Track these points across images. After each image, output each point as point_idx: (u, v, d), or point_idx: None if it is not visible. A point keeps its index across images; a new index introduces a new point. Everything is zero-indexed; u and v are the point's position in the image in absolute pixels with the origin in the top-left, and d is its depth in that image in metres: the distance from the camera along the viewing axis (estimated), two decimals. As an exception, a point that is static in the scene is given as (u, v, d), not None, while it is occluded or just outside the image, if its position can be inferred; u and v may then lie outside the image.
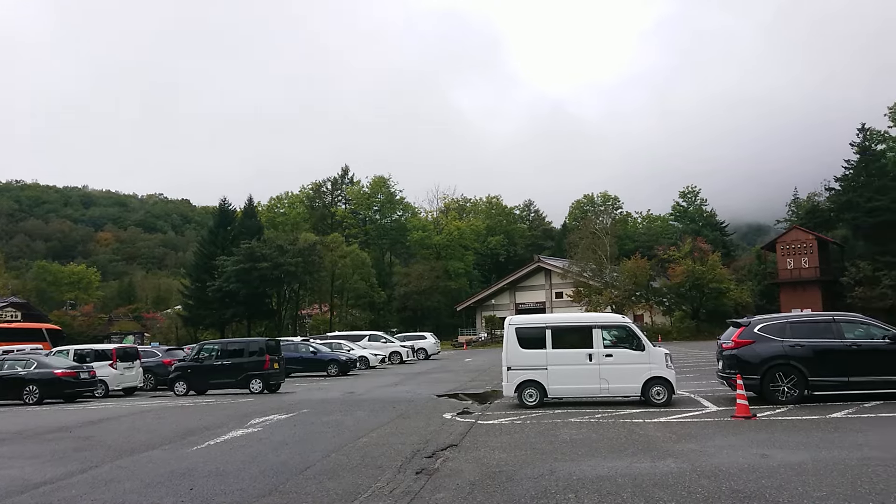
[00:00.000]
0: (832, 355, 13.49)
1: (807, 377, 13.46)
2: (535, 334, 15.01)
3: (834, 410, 12.51)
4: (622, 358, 14.52)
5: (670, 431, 11.12)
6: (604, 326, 14.92)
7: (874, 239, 57.52)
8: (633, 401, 14.91)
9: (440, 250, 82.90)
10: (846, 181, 60.54)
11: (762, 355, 13.70)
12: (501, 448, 10.18)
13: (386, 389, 21.81)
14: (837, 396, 13.85)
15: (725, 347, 14.31)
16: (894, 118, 66.45)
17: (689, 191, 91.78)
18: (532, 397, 14.77)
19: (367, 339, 39.46)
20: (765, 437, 10.19)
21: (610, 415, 13.26)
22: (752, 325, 14.21)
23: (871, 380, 13.39)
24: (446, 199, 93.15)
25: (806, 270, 58.45)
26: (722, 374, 14.52)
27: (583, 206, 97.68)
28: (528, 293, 71.92)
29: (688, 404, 14.42)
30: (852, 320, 14.25)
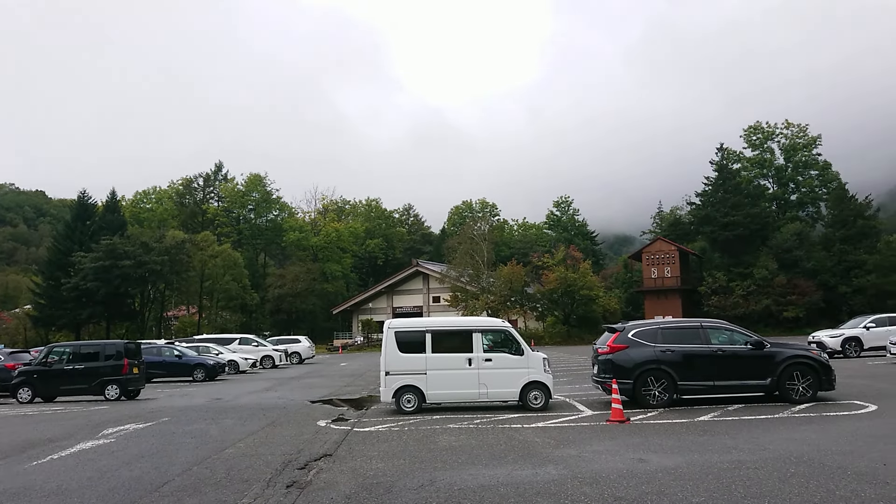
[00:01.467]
0: (700, 360, 13.97)
1: (676, 381, 13.87)
2: (415, 338, 14.65)
3: (701, 414, 12.91)
4: (501, 362, 14.42)
5: (549, 437, 11.05)
6: (484, 331, 14.79)
7: (729, 251, 61.48)
8: (510, 405, 14.85)
9: (317, 252, 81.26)
10: (706, 196, 64.43)
11: (635, 360, 13.99)
12: (379, 457, 9.72)
13: (256, 395, 20.77)
14: (703, 400, 14.36)
15: (601, 352, 14.52)
16: (748, 140, 71.74)
17: (563, 201, 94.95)
18: (410, 403, 14.39)
19: (237, 343, 37.80)
20: (640, 442, 10.29)
21: (488, 420, 13.09)
22: (627, 330, 14.49)
23: (734, 384, 13.98)
24: (325, 199, 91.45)
25: (668, 279, 61.64)
26: (597, 378, 14.72)
27: (461, 212, 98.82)
28: (405, 297, 71.74)
29: (564, 409, 14.50)
30: (718, 326, 14.83)
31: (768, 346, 14.08)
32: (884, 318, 27.48)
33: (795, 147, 69.48)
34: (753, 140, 71.40)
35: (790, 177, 69.92)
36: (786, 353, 14.04)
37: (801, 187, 70.06)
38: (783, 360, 13.86)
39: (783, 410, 12.91)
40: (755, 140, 71.37)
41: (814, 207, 69.96)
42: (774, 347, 14.17)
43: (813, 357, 14.04)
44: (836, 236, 59.80)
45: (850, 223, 59.42)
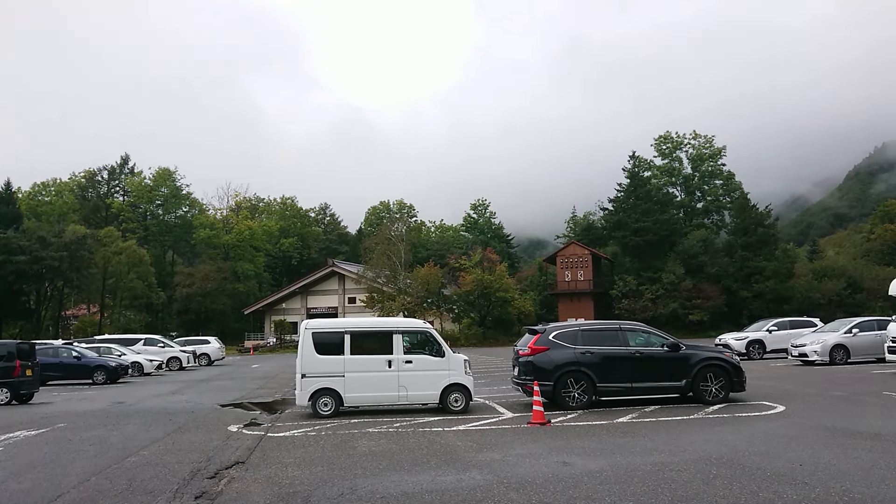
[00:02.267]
0: (618, 362, 14.09)
1: (595, 383, 13.94)
2: (333, 339, 14.19)
3: (619, 415, 13.00)
4: (422, 364, 14.14)
5: (471, 440, 10.84)
6: (404, 332, 14.47)
7: (639, 256, 63.33)
8: (430, 408, 14.58)
9: (229, 250, 78.87)
10: (618, 202, 66.17)
11: (556, 362, 13.98)
12: (295, 464, 9.24)
13: (162, 399, 19.73)
14: (621, 401, 14.49)
15: (522, 354, 14.44)
16: (658, 149, 74.21)
17: (480, 204, 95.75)
18: (327, 406, 13.91)
19: (142, 344, 36.06)
20: (562, 444, 10.20)
21: (408, 423, 12.77)
22: (548, 332, 14.47)
23: (651, 385, 14.16)
24: (238, 196, 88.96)
25: (581, 283, 62.96)
26: (517, 380, 14.64)
27: (379, 213, 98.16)
28: (320, 298, 70.52)
29: (484, 411, 14.35)
30: (636, 329, 15.02)
31: (683, 349, 14.35)
32: (784, 321, 28.81)
33: (702, 157, 72.37)
34: (663, 149, 73.96)
35: (697, 185, 72.77)
36: (700, 355, 14.35)
37: (706, 196, 73.00)
38: (698, 362, 14.15)
39: (698, 411, 13.15)
40: (665, 149, 73.94)
41: (718, 215, 73.01)
42: (689, 350, 14.46)
43: (725, 359, 14.40)
44: (739, 243, 62.46)
45: (751, 231, 62.18)
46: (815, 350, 23.14)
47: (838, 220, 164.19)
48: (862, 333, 23.35)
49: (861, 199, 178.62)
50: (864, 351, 23.16)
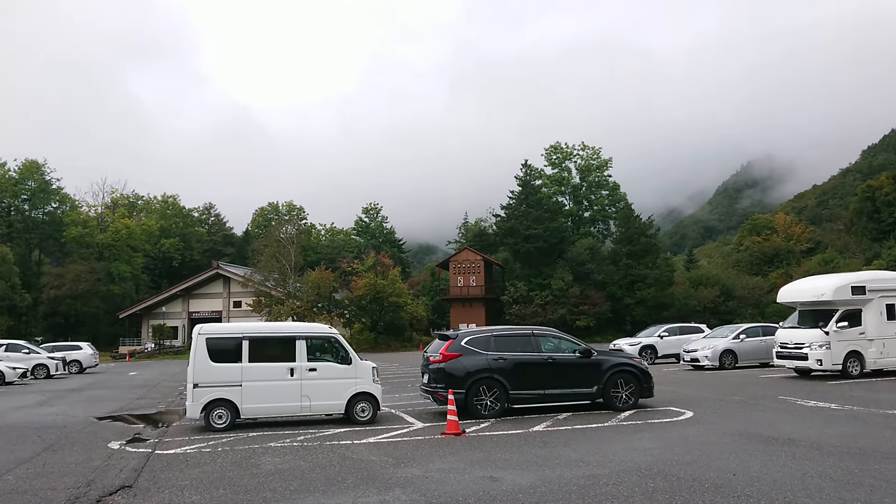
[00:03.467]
0: (531, 369, 13.74)
1: (508, 390, 13.52)
2: (230, 345, 13.08)
3: (533, 423, 12.63)
4: (327, 372, 13.27)
5: (385, 454, 10.10)
6: (308, 337, 13.53)
7: (530, 263, 64.35)
8: (334, 419, 13.70)
9: (103, 250, 73.78)
10: (510, 209, 67.01)
11: (468, 369, 13.47)
12: (192, 487, 8.21)
13: (28, 412, 17.71)
14: (533, 409, 14.15)
15: (432, 361, 13.83)
16: (549, 158, 75.88)
17: (372, 208, 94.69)
18: (222, 419, 12.77)
19: (3, 350, 32.78)
20: (483, 457, 9.66)
21: (314, 436, 11.87)
22: (460, 337, 13.95)
23: (564, 392, 13.90)
24: (115, 193, 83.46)
25: (473, 288, 63.23)
26: (427, 388, 14.01)
27: (267, 214, 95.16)
28: (204, 301, 67.26)
29: (392, 421, 13.62)
30: (547, 334, 14.74)
31: (595, 355, 14.19)
32: (675, 327, 29.75)
33: (590, 168, 74.56)
34: (553, 159, 75.66)
35: (584, 195, 74.88)
36: (611, 360, 14.25)
37: (593, 205, 75.25)
38: (609, 368, 14.03)
39: (610, 418, 12.98)
40: (555, 159, 75.66)
41: (604, 224, 75.40)
42: (601, 355, 14.34)
43: (636, 365, 14.36)
44: (623, 252, 64.66)
45: (635, 240, 64.53)
46: (706, 355, 23.90)
47: (708, 232, 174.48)
48: (749, 339, 24.35)
49: (729, 212, 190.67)
50: (751, 356, 24.16)
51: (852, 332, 18.77)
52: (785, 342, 19.96)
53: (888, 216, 78.67)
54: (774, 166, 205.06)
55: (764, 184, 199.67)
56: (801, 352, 19.15)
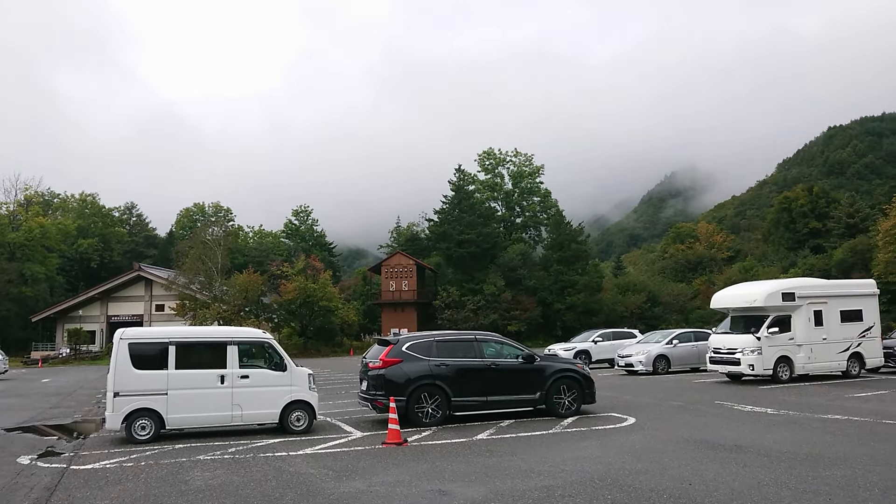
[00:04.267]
0: (474, 375, 13.38)
1: (450, 397, 13.11)
2: (155, 351, 12.23)
3: (476, 431, 12.25)
4: (260, 379, 12.57)
5: (324, 466, 9.53)
6: (241, 343, 12.80)
7: (462, 267, 64.26)
8: (266, 428, 12.99)
9: (15, 250, 69.84)
10: (443, 214, 66.82)
11: (409, 375, 12.99)
12: (113, 507, 7.47)
13: (-75, 423, 16.25)
14: (474, 416, 13.78)
15: (372, 367, 13.30)
16: (482, 164, 76.15)
17: (302, 210, 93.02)
18: (145, 430, 11.91)
19: None
20: (429, 468, 9.22)
21: (245, 448, 11.17)
22: (401, 343, 13.45)
23: (507, 399, 13.58)
24: (28, 190, 79.23)
25: (406, 293, 62.74)
26: (366, 395, 13.45)
27: (192, 215, 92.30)
28: (124, 304, 64.48)
29: (328, 430, 13.01)
30: (490, 339, 14.40)
31: (538, 360, 13.93)
32: (608, 332, 29.98)
33: (522, 174, 75.18)
34: (486, 164, 75.97)
35: (517, 201, 75.45)
36: (554, 366, 14.02)
37: (525, 212, 75.89)
38: (552, 374, 13.80)
39: (554, 425, 12.72)
40: (488, 165, 76.00)
41: (535, 231, 76.13)
42: (543, 361, 14.09)
43: (578, 371, 14.18)
44: (554, 258, 65.36)
45: (565, 246, 65.32)
46: (640, 360, 24.10)
47: (634, 240, 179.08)
48: (681, 344, 24.70)
49: (653, 221, 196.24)
50: (683, 361, 24.50)
51: (782, 337, 19.18)
52: (718, 347, 20.25)
53: (803, 227, 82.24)
54: (696, 177, 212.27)
55: (686, 194, 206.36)
56: (734, 357, 19.45)
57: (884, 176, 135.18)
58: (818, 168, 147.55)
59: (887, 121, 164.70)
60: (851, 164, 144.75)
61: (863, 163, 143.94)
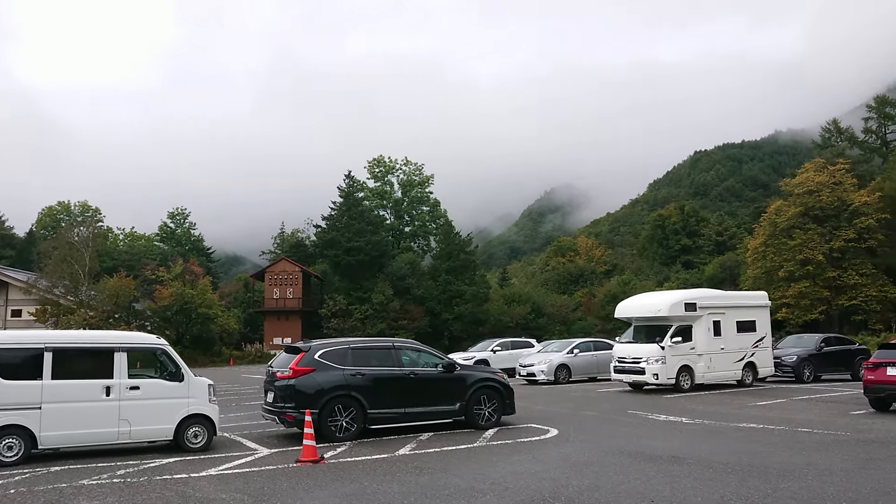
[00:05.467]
0: (392, 385, 12.50)
1: (367, 409, 12.15)
2: (26, 358, 10.57)
3: (396, 446, 11.38)
4: (153, 391, 11.13)
5: (237, 490, 8.38)
6: (130, 349, 11.32)
7: (350, 275, 62.79)
8: (159, 446, 11.53)
9: None
10: (332, 221, 65.09)
11: (322, 385, 11.93)
12: (-18, 549, 6.06)
13: None
14: (390, 430, 12.86)
15: (280, 377, 12.13)
16: (371, 172, 75.11)
17: (179, 213, 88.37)
18: (13, 450, 10.21)
19: None
20: (356, 489, 8.29)
21: (137, 469, 9.76)
22: (313, 350, 12.36)
23: (426, 410, 12.77)
24: None
25: (290, 300, 60.65)
26: (272, 408, 12.25)
27: (56, 214, 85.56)
28: (-27, 309, 58.46)
29: (230, 447, 11.71)
30: (408, 347, 13.58)
31: (458, 369, 13.23)
32: (507, 342, 29.80)
33: (412, 183, 74.68)
34: (376, 172, 74.93)
35: (406, 210, 74.82)
36: (475, 375, 13.38)
37: (414, 221, 75.37)
38: (473, 384, 13.14)
39: (477, 438, 12.04)
40: (378, 172, 74.98)
41: (424, 240, 75.74)
42: (464, 370, 13.41)
43: (499, 380, 13.60)
44: (443, 267, 65.10)
45: (454, 256, 65.23)
46: (542, 370, 23.93)
47: (514, 252, 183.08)
48: (581, 354, 24.77)
49: (533, 234, 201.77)
50: (583, 370, 24.58)
51: (684, 347, 19.49)
52: (623, 357, 20.32)
53: (675, 243, 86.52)
54: (573, 194, 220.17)
55: (564, 209, 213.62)
56: (639, 366, 19.56)
57: (743, 199, 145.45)
58: (685, 189, 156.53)
59: (746, 148, 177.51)
60: (714, 187, 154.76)
61: (724, 186, 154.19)
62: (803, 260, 50.51)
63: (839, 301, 50.23)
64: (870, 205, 49.88)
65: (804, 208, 51.42)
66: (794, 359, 22.19)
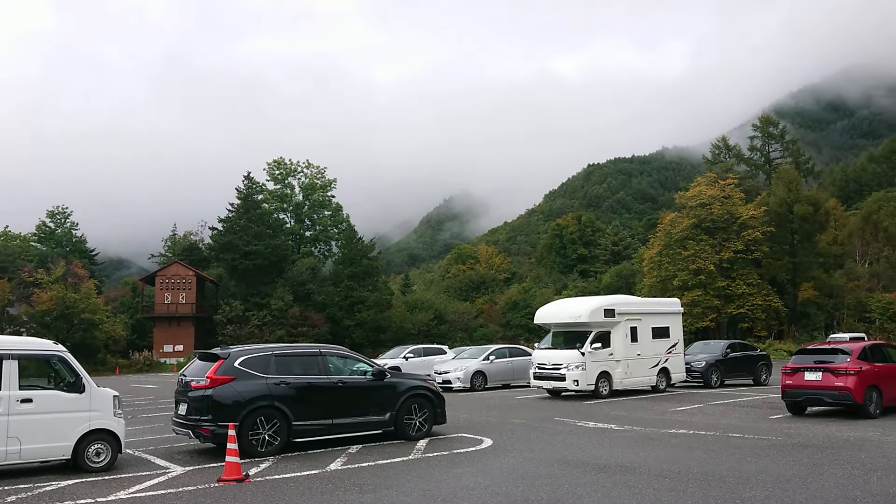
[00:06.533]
0: (319, 394, 11.62)
1: (291, 421, 11.22)
2: None
3: (326, 460, 10.54)
4: (49, 404, 9.83)
5: (157, 516, 7.35)
6: (22, 356, 9.93)
7: (247, 280, 60.49)
8: (54, 465, 10.19)
9: None
10: (229, 223, 62.51)
11: (244, 396, 10.92)
12: None
13: None
14: (315, 443, 11.95)
15: (195, 386, 11.02)
16: (271, 173, 72.83)
17: (60, 212, 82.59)
18: None
19: None
20: (296, 510, 7.44)
21: (32, 495, 8.53)
22: (233, 357, 11.31)
23: (354, 421, 11.95)
24: None
25: (183, 306, 57.81)
26: (186, 421, 11.11)
27: (-84, 210, 78.07)
28: None
29: (138, 466, 10.51)
30: (336, 353, 12.71)
31: (389, 377, 12.49)
32: (419, 349, 29.16)
33: (314, 186, 72.87)
34: (276, 174, 72.66)
35: (307, 214, 72.90)
36: (406, 383, 12.68)
37: (316, 225, 73.55)
38: (403, 392, 12.44)
39: (410, 450, 11.36)
40: (278, 174, 72.72)
41: (326, 245, 74.07)
42: (394, 377, 12.68)
43: (430, 388, 12.97)
44: (345, 273, 63.81)
45: (357, 262, 64.09)
46: (458, 377, 23.46)
47: (413, 260, 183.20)
48: (497, 360, 24.46)
49: (432, 242, 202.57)
50: (499, 377, 24.29)
51: (603, 353, 19.50)
52: (543, 363, 20.12)
53: (573, 252, 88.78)
54: (472, 203, 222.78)
55: (462, 217, 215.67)
56: (560, 372, 19.40)
57: (632, 211, 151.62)
58: (579, 200, 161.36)
59: (636, 162, 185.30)
60: (607, 199, 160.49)
61: (615, 198, 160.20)
62: (696, 269, 52.80)
63: (728, 309, 52.78)
64: (756, 218, 52.74)
65: (697, 220, 53.77)
66: (703, 364, 22.74)
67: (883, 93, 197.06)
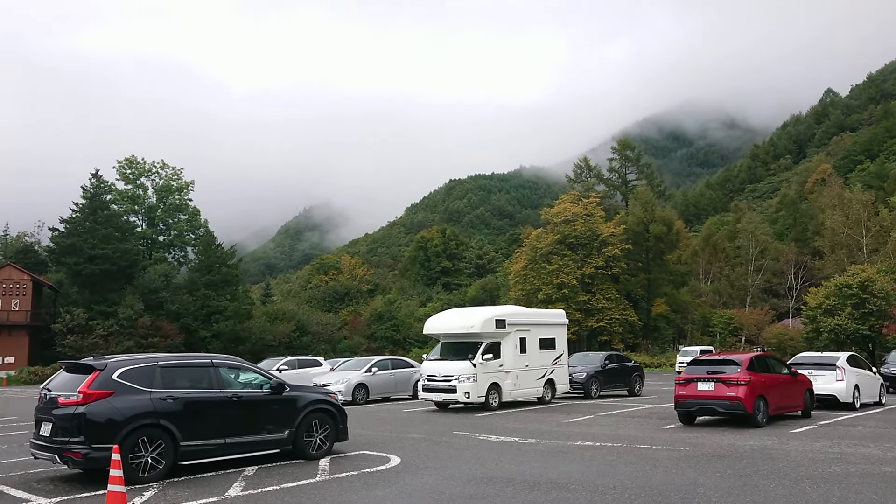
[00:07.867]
0: (211, 411, 10.32)
1: (178, 442, 9.85)
2: None
3: (221, 485, 9.31)
4: None
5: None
6: None
7: (93, 287, 55.70)
8: None
9: None
10: (72, 224, 57.35)
11: (124, 414, 9.46)
12: None
13: None
14: (204, 465, 10.60)
15: (63, 403, 9.42)
16: (122, 173, 67.70)
17: None
18: None
19: None
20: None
21: None
22: (111, 368, 9.80)
23: (250, 440, 10.71)
24: None
25: (16, 314, 52.37)
26: (49, 443, 9.47)
27: None
28: None
29: (-12, 499, 8.80)
30: (229, 363, 11.38)
31: (288, 390, 11.35)
32: (294, 360, 27.25)
33: (169, 189, 68.45)
34: (128, 174, 67.58)
35: (161, 217, 68.31)
36: (307, 397, 11.59)
37: (171, 229, 69.06)
38: (304, 407, 11.35)
39: (314, 471, 10.31)
40: (129, 174, 67.67)
41: (181, 251, 69.75)
42: (294, 391, 11.55)
43: (332, 402, 11.94)
44: (202, 281, 60.34)
45: (215, 270, 60.83)
46: (339, 390, 22.25)
47: (270, 269, 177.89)
48: (380, 372, 23.54)
49: (290, 252, 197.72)
50: (381, 389, 23.40)
51: (494, 364, 19.17)
52: (433, 375, 19.48)
53: (437, 265, 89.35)
54: (331, 214, 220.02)
55: (322, 228, 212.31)
56: (450, 384, 18.84)
57: (491, 227, 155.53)
58: (440, 214, 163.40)
59: (495, 179, 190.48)
60: (467, 214, 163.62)
61: (475, 213, 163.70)
62: (559, 284, 54.42)
63: (588, 322, 54.79)
64: (615, 236, 55.23)
65: (561, 236, 55.53)
66: (584, 375, 23.04)
67: (717, 126, 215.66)
